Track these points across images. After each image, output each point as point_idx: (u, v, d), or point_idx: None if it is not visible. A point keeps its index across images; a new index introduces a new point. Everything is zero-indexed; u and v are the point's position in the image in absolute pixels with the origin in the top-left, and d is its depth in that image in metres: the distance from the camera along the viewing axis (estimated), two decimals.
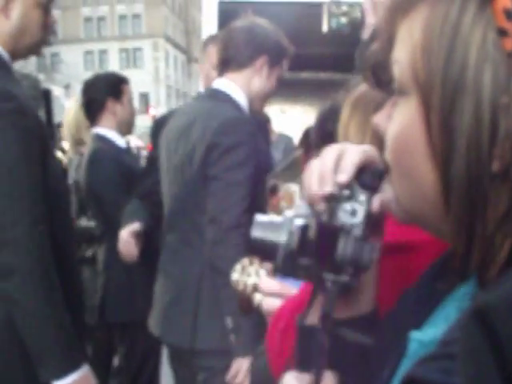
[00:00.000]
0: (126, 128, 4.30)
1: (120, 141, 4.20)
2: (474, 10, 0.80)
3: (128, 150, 4.32)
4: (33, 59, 54.03)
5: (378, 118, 1.12)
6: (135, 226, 3.50)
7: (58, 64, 62.36)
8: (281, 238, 1.01)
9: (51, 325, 2.28)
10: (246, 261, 2.31)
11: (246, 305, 2.29)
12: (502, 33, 0.78)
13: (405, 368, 0.81)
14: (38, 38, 2.47)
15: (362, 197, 1.03)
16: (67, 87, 49.75)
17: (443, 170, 0.81)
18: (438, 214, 0.84)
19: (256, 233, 1.04)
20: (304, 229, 1.01)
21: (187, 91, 77.02)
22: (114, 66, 69.82)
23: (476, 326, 0.62)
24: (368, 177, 1.04)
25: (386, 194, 0.96)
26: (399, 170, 0.89)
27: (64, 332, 2.30)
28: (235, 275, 2.23)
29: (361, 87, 1.69)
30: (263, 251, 1.05)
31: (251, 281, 2.13)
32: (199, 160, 2.92)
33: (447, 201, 0.82)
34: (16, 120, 2.25)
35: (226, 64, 3.13)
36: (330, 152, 1.10)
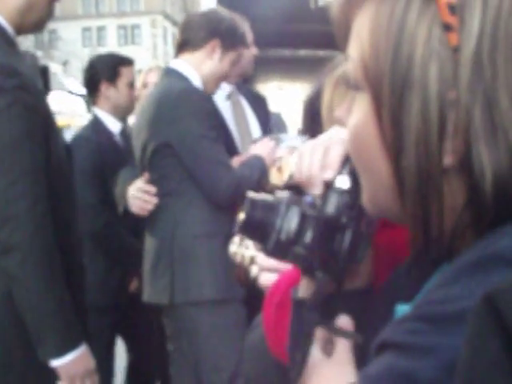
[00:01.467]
0: (123, 112, 4.33)
1: (113, 125, 4.23)
2: (418, 5, 0.80)
3: (122, 132, 4.28)
4: (30, 36, 53.75)
5: (340, 112, 1.13)
6: (138, 182, 3.49)
7: (55, 41, 62.20)
8: (276, 221, 1.01)
9: (50, 302, 2.30)
10: None
11: (243, 277, 2.29)
12: (447, 28, 0.78)
13: None
14: (44, 13, 2.45)
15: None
16: (65, 64, 49.70)
17: (395, 165, 0.83)
18: (399, 208, 0.85)
19: (250, 212, 1.03)
20: (301, 218, 1.01)
21: None
22: (111, 42, 69.82)
23: (485, 310, 0.63)
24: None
25: None
26: (360, 163, 0.91)
27: (63, 310, 2.32)
28: (233, 247, 2.24)
29: (342, 66, 1.68)
30: (255, 231, 1.04)
31: (249, 253, 2.14)
32: (156, 131, 3.25)
33: (401, 195, 0.84)
34: (20, 96, 2.25)
35: (182, 46, 3.41)
36: (315, 148, 1.11)
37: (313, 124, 2.05)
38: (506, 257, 0.72)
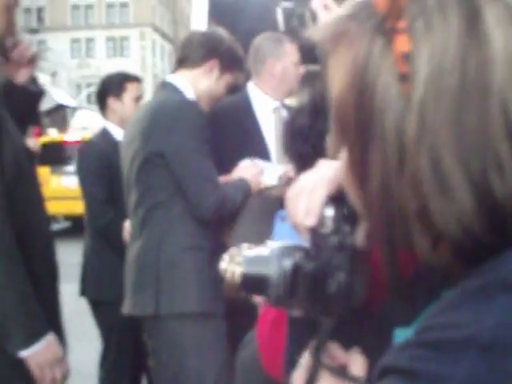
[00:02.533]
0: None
1: (120, 135, 4.35)
2: (378, 54, 0.82)
3: None
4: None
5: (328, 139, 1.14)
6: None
7: (44, 52, 62.03)
8: (271, 272, 1.02)
9: (12, 295, 2.40)
10: (234, 250, 2.33)
11: (233, 294, 2.30)
12: (402, 78, 0.79)
13: None
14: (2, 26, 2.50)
15: (347, 228, 1.03)
16: (54, 75, 49.71)
17: (364, 202, 0.88)
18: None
19: (246, 269, 1.05)
20: (294, 271, 1.02)
21: None
22: (100, 54, 70.13)
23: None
24: (350, 206, 1.04)
25: None
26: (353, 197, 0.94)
27: (26, 302, 2.43)
28: (223, 264, 2.25)
29: None
30: (254, 287, 1.06)
31: (239, 270, 2.15)
32: (150, 140, 3.30)
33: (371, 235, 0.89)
34: None
35: (181, 61, 3.48)
36: (299, 194, 1.12)
37: (293, 144, 2.06)
38: (509, 282, 0.73)
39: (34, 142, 5.20)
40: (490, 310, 0.70)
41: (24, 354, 2.44)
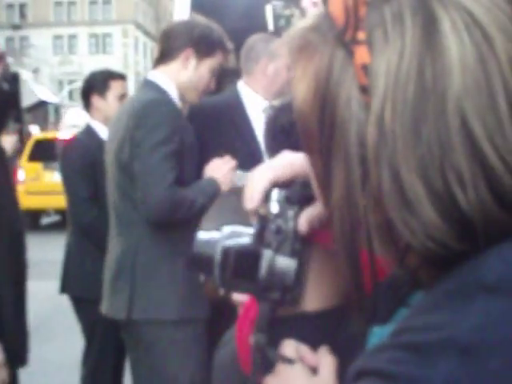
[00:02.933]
0: None
1: (105, 133, 4.30)
2: (339, 66, 0.81)
3: None
4: (1, 42, 53.40)
5: None
6: None
7: (27, 48, 61.78)
8: (215, 255, 1.04)
9: None
10: None
11: (214, 296, 2.28)
12: (363, 89, 0.78)
13: None
14: None
15: (290, 213, 1.03)
16: (36, 71, 49.50)
17: (328, 210, 0.87)
18: None
19: (195, 249, 1.07)
20: (226, 251, 1.04)
21: None
22: (83, 51, 69.88)
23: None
24: (295, 191, 1.05)
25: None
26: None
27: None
28: None
29: None
30: (203, 267, 1.08)
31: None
32: (128, 143, 3.25)
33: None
34: None
35: (159, 57, 3.46)
36: (249, 179, 1.14)
37: (273, 143, 2.05)
38: (486, 284, 0.72)
39: (10, 140, 5.15)
40: (468, 311, 0.70)
41: None
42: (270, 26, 3.49)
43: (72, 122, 7.22)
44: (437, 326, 0.71)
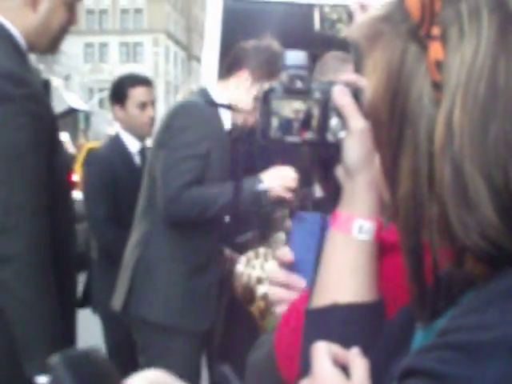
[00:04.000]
0: (140, 132, 4.38)
1: (132, 144, 4.30)
2: (412, 61, 0.81)
3: (141, 152, 4.37)
4: None
5: None
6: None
7: (58, 55, 62.24)
8: None
9: (42, 317, 2.28)
10: (251, 253, 2.33)
11: (248, 296, 2.29)
12: (435, 86, 0.79)
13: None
14: (59, 36, 2.50)
15: None
16: (66, 78, 49.90)
17: (393, 203, 0.87)
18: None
19: None
20: None
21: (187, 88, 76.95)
22: (113, 59, 70.45)
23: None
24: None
25: None
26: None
27: (53, 326, 2.31)
28: (240, 267, 2.25)
29: None
30: None
31: (255, 273, 2.15)
32: (157, 143, 3.32)
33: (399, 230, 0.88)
34: (28, 106, 2.26)
35: (223, 72, 3.45)
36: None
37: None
38: None
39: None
40: None
41: (41, 380, 2.26)
42: (317, 27, 3.46)
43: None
44: (487, 325, 0.70)
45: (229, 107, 3.24)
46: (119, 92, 4.36)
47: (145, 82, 4.44)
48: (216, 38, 4.36)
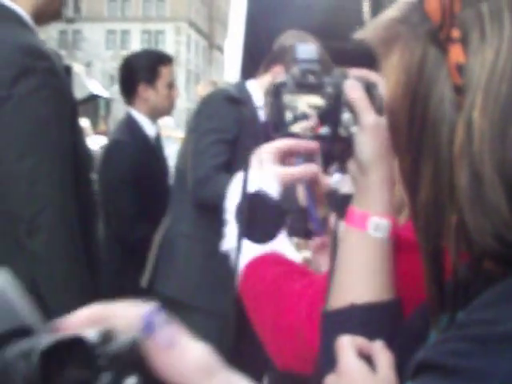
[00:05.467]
0: (160, 114, 4.12)
1: (150, 128, 4.00)
2: (432, 65, 0.80)
3: (157, 138, 4.10)
4: (55, 35, 54.09)
5: None
6: None
7: (79, 41, 62.54)
8: None
9: (73, 286, 2.29)
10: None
11: None
12: (457, 90, 0.77)
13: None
14: (59, 4, 2.51)
15: None
16: (88, 65, 50.03)
17: (412, 206, 0.87)
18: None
19: None
20: None
21: (207, 77, 77.10)
22: (135, 46, 70.21)
23: None
24: None
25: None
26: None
27: (85, 296, 2.26)
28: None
29: None
30: None
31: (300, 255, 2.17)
32: (189, 128, 3.46)
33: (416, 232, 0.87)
34: (50, 79, 2.26)
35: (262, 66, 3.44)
36: None
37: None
38: None
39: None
40: None
41: None
42: (367, 17, 3.42)
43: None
44: (502, 319, 0.70)
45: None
46: (149, 68, 3.95)
47: (171, 60, 4.16)
48: (240, 29, 4.33)
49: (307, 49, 1.23)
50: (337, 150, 1.19)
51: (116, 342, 0.72)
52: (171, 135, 7.38)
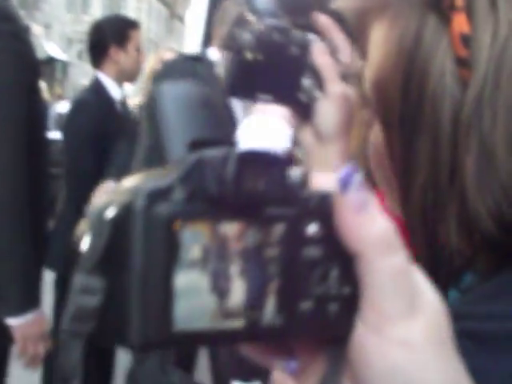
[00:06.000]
0: (127, 78, 4.15)
1: (115, 91, 4.03)
2: (431, 35, 0.72)
3: (123, 101, 4.11)
4: None
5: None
6: None
7: (40, 2, 61.35)
8: None
9: (18, 260, 2.28)
10: None
11: None
12: (460, 62, 0.71)
13: None
14: None
15: None
16: (47, 27, 49.22)
17: (404, 197, 0.78)
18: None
19: None
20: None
21: (166, 46, 76.41)
22: (96, 11, 69.42)
23: None
24: None
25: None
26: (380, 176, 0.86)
27: (28, 270, 2.29)
28: None
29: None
30: None
31: None
32: None
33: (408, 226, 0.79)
34: (11, 43, 2.20)
35: None
36: None
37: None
38: None
39: None
40: None
41: (14, 321, 2.29)
42: None
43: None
44: (499, 315, 0.68)
45: None
46: (120, 31, 4.03)
47: (139, 25, 4.27)
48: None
49: None
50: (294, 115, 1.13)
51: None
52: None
